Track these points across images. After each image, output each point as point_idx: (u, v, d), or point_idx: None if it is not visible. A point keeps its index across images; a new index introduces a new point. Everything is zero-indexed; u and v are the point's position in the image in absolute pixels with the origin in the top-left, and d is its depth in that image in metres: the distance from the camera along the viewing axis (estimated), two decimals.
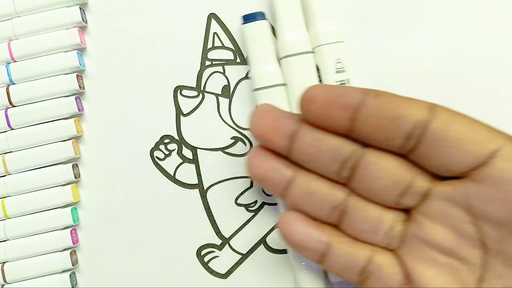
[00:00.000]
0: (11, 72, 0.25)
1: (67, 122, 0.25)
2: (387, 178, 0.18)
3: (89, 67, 0.26)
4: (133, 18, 0.26)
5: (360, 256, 0.19)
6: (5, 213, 0.25)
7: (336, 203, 0.19)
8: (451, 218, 0.17)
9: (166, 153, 0.26)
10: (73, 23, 0.25)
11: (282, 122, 0.19)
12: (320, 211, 0.20)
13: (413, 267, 0.18)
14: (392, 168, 0.18)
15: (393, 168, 0.18)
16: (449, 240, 0.18)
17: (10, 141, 0.25)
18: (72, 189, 0.25)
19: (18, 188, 0.25)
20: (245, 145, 0.25)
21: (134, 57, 0.26)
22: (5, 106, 0.25)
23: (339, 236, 0.20)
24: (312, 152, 0.18)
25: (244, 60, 0.25)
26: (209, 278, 0.25)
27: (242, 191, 0.25)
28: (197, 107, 0.25)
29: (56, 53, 0.25)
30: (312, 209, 0.20)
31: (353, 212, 0.19)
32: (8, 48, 0.25)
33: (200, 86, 0.25)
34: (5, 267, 0.25)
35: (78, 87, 0.25)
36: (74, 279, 0.25)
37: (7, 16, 0.25)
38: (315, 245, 0.19)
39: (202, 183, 0.25)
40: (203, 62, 0.25)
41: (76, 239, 0.25)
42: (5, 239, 0.25)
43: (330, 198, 0.19)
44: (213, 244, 0.25)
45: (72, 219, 0.25)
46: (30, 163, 0.25)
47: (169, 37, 0.25)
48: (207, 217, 0.25)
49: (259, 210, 0.25)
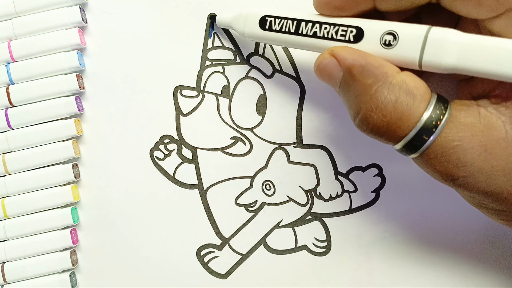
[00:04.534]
0: (11, 72, 0.25)
1: (67, 122, 0.25)
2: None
3: (89, 67, 0.26)
4: (133, 18, 0.26)
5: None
6: (5, 213, 0.25)
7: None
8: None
9: (166, 153, 0.26)
10: (73, 23, 0.25)
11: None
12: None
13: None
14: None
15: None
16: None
17: (10, 141, 0.25)
18: (72, 189, 0.25)
19: (18, 188, 0.25)
20: (245, 145, 0.25)
21: (134, 57, 0.26)
22: (5, 106, 0.25)
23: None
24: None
25: (244, 60, 0.25)
26: (209, 278, 0.25)
27: (242, 191, 0.25)
28: (197, 107, 0.25)
29: (56, 53, 0.25)
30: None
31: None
32: (8, 48, 0.25)
33: (200, 86, 0.25)
34: (5, 267, 0.25)
35: (78, 87, 0.25)
36: (74, 279, 0.25)
37: (7, 16, 0.25)
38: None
39: (202, 183, 0.25)
40: (203, 62, 0.25)
41: (76, 239, 0.25)
42: (5, 239, 0.25)
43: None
44: (213, 244, 0.25)
45: (72, 219, 0.25)
46: (30, 163, 0.25)
47: (169, 37, 0.25)
48: (207, 217, 0.25)
49: (259, 210, 0.25)
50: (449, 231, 0.25)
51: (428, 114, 0.17)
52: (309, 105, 0.25)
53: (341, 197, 0.25)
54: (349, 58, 0.18)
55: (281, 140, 0.25)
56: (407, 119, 0.17)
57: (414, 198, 0.25)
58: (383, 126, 0.17)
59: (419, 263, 0.25)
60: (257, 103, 0.25)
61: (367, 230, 0.25)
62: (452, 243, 0.25)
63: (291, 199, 0.25)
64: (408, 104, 0.17)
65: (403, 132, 0.17)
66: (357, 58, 0.17)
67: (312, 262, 0.25)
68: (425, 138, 0.17)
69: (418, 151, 0.17)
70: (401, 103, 0.17)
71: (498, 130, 0.16)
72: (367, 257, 0.25)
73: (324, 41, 0.19)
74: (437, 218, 0.25)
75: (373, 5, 0.18)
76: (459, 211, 0.25)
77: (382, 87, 0.17)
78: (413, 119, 0.17)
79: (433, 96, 0.17)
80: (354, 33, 0.18)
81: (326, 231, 0.25)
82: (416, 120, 0.17)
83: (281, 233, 0.25)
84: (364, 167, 0.25)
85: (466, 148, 0.17)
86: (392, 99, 0.17)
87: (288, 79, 0.25)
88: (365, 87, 0.17)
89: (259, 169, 0.25)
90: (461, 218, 0.25)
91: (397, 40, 0.17)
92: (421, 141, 0.17)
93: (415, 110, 0.17)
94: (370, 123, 0.17)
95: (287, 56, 0.25)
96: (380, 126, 0.17)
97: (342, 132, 0.25)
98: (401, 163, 0.25)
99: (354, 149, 0.25)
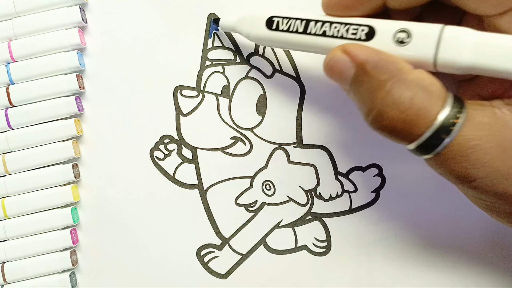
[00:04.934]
0: (11, 72, 0.25)
1: (67, 122, 0.25)
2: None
3: (89, 67, 0.26)
4: (133, 18, 0.26)
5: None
6: (5, 213, 0.25)
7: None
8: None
9: (166, 153, 0.26)
10: (73, 23, 0.25)
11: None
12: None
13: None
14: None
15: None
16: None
17: (10, 141, 0.25)
18: (72, 189, 0.25)
19: (18, 188, 0.25)
20: (245, 145, 0.25)
21: (134, 57, 0.26)
22: (5, 106, 0.25)
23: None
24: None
25: (244, 60, 0.25)
26: (209, 278, 0.25)
27: (242, 191, 0.25)
28: (197, 107, 0.25)
29: (56, 53, 0.25)
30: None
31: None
32: (8, 48, 0.25)
33: (200, 86, 0.25)
34: (5, 267, 0.25)
35: (78, 87, 0.25)
36: (74, 279, 0.25)
37: (7, 16, 0.25)
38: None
39: (202, 183, 0.25)
40: (203, 62, 0.25)
41: (76, 239, 0.25)
42: (5, 239, 0.25)
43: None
44: (213, 244, 0.25)
45: (72, 219, 0.25)
46: (30, 163, 0.25)
47: (169, 37, 0.25)
48: (207, 217, 0.25)
49: (259, 210, 0.25)
50: (449, 231, 0.25)
51: (446, 112, 0.16)
52: (309, 105, 0.25)
53: (341, 197, 0.25)
54: (362, 54, 0.17)
55: (281, 140, 0.25)
56: (424, 116, 0.16)
57: (414, 198, 0.25)
58: (399, 123, 0.17)
59: (419, 263, 0.25)
60: (257, 103, 0.25)
61: (367, 230, 0.25)
62: (452, 243, 0.25)
63: (291, 199, 0.25)
64: (425, 101, 0.16)
65: (419, 130, 0.16)
66: (371, 54, 0.17)
67: (312, 262, 0.25)
68: (443, 136, 0.16)
69: (434, 151, 0.17)
70: (418, 100, 0.16)
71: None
72: (367, 257, 0.25)
73: (334, 40, 0.19)
74: (437, 218, 0.25)
75: (383, 3, 0.18)
76: (459, 211, 0.25)
77: (398, 83, 0.16)
78: (430, 117, 0.16)
79: (449, 95, 0.17)
80: (366, 31, 0.18)
81: (326, 231, 0.25)
82: (434, 117, 0.16)
83: (281, 233, 0.25)
84: (364, 167, 0.25)
85: (485, 148, 0.16)
86: (409, 95, 0.16)
87: (288, 79, 0.25)
88: (379, 82, 0.17)
89: (259, 169, 0.25)
90: (461, 218, 0.25)
91: (411, 37, 0.17)
92: (439, 139, 0.16)
93: (432, 107, 0.16)
94: (386, 119, 0.17)
95: (287, 56, 0.25)
96: (396, 123, 0.17)
97: (342, 132, 0.25)
98: (401, 163, 0.25)
99: (354, 149, 0.25)
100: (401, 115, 0.16)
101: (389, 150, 0.25)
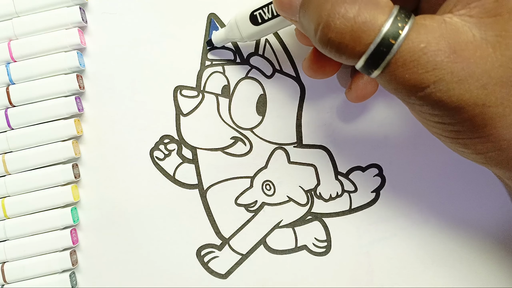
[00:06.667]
0: (11, 72, 0.25)
1: (67, 122, 0.25)
2: None
3: (89, 67, 0.26)
4: (133, 18, 0.26)
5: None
6: (5, 213, 0.25)
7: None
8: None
9: (166, 153, 0.26)
10: (73, 23, 0.25)
11: None
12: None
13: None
14: None
15: None
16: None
17: (10, 141, 0.25)
18: (72, 189, 0.25)
19: (18, 188, 0.25)
20: (245, 145, 0.25)
21: (134, 57, 0.26)
22: (5, 106, 0.25)
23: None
24: None
25: (244, 60, 0.25)
26: (209, 278, 0.25)
27: (242, 191, 0.25)
28: (197, 107, 0.25)
29: (56, 53, 0.25)
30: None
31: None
32: (8, 48, 0.25)
33: (200, 86, 0.25)
34: (5, 267, 0.25)
35: (78, 87, 0.25)
36: (74, 279, 0.25)
37: (7, 16, 0.25)
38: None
39: (202, 183, 0.25)
40: (203, 62, 0.25)
41: (76, 239, 0.25)
42: (5, 239, 0.25)
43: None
44: (213, 244, 0.25)
45: (72, 219, 0.25)
46: (30, 163, 0.25)
47: (169, 37, 0.25)
48: (207, 217, 0.25)
49: (259, 210, 0.25)
50: (448, 230, 0.25)
51: (392, 18, 0.16)
52: (309, 105, 0.25)
53: (341, 197, 0.25)
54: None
55: (281, 140, 0.25)
56: (371, 24, 0.16)
57: (414, 198, 0.25)
58: (346, 35, 0.16)
59: (419, 263, 0.25)
60: (257, 103, 0.25)
61: (367, 230, 0.25)
62: (452, 243, 0.25)
63: (291, 199, 0.25)
64: (371, 11, 0.16)
65: (367, 39, 0.16)
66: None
67: (312, 262, 0.25)
68: (391, 41, 0.16)
69: (383, 62, 0.16)
70: (364, 10, 0.16)
71: (465, 33, 0.16)
72: (367, 257, 0.25)
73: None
74: (437, 218, 0.25)
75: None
76: (459, 211, 0.25)
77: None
78: (377, 26, 0.16)
79: (396, 6, 0.17)
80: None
81: (326, 231, 0.25)
82: (381, 25, 0.16)
83: (281, 233, 0.25)
84: (364, 167, 0.25)
85: (434, 50, 0.16)
86: (355, 6, 0.16)
87: (288, 79, 0.25)
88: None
89: (259, 169, 0.25)
90: (461, 218, 0.25)
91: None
92: (387, 45, 0.16)
93: (379, 16, 0.16)
94: (333, 31, 0.17)
95: (287, 56, 0.25)
96: (343, 34, 0.16)
97: (342, 132, 0.25)
98: (401, 163, 0.25)
99: (354, 149, 0.25)
100: (348, 23, 0.16)
101: (389, 150, 0.25)
